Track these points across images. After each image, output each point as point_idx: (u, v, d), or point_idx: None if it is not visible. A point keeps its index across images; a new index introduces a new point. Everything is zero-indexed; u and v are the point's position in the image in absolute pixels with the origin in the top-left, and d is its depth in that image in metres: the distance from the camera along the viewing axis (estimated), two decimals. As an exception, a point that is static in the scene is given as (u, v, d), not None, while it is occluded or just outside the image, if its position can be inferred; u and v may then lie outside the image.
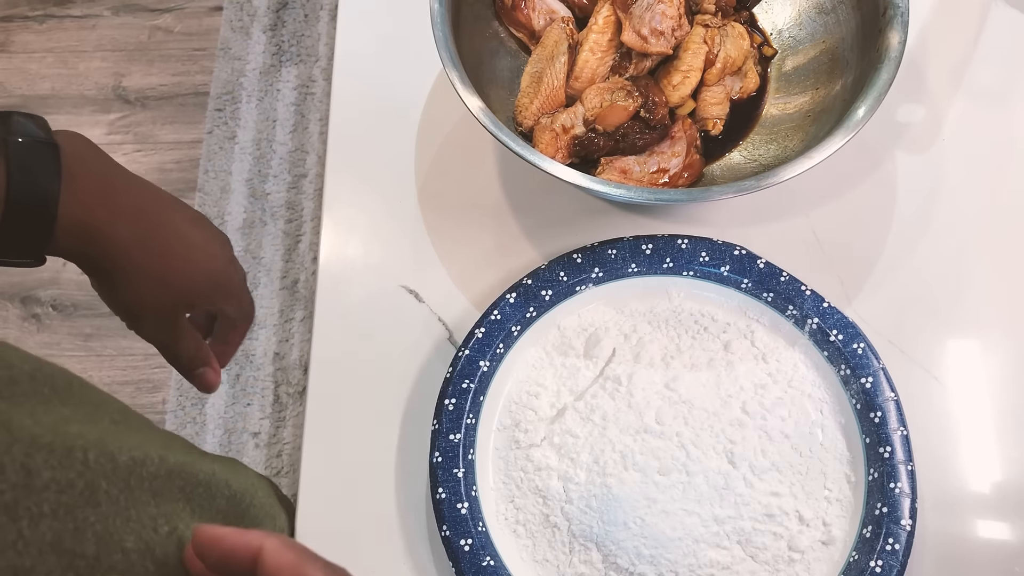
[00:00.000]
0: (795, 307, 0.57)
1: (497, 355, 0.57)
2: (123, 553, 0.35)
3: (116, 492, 0.36)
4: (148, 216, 0.47)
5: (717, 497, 0.53)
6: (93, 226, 0.44)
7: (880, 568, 0.51)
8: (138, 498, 0.37)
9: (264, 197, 1.53)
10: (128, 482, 0.37)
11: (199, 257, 0.50)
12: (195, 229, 0.50)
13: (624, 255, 0.59)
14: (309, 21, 1.66)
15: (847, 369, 0.56)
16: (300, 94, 1.60)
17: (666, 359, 0.58)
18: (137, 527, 0.36)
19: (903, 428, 0.54)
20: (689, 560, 0.52)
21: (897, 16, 0.57)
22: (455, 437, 0.55)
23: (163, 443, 0.44)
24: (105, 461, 0.36)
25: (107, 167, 0.46)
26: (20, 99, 1.64)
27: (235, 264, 0.53)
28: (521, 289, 0.59)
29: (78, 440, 0.36)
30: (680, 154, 0.61)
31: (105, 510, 0.35)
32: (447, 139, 0.67)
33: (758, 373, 0.57)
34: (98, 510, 0.35)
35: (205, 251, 0.50)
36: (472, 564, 0.52)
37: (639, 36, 0.59)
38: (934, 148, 0.65)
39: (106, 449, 0.37)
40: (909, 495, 0.52)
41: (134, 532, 0.36)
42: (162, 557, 0.36)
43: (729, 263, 0.59)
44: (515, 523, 0.55)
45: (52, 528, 0.32)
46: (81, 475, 0.35)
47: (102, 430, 0.39)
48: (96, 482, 0.35)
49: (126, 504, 0.36)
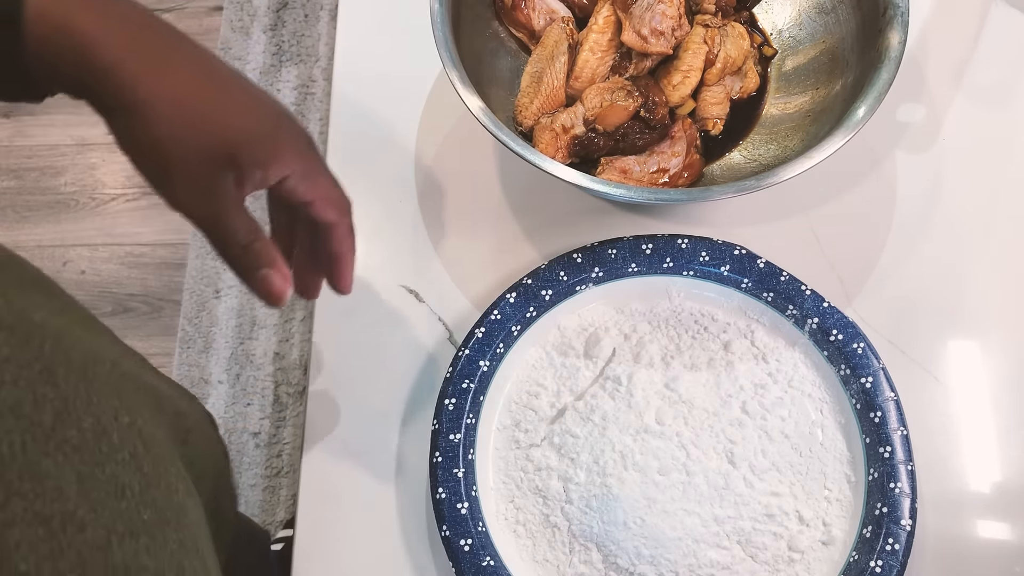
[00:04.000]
0: (795, 307, 0.57)
1: (497, 355, 0.57)
2: (79, 431, 0.32)
3: (75, 380, 0.33)
4: (161, 34, 0.38)
5: (717, 497, 0.53)
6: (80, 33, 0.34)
7: (880, 568, 0.51)
8: (97, 389, 0.34)
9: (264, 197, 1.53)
10: (85, 374, 0.34)
11: (235, 90, 0.39)
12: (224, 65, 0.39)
13: (624, 255, 0.59)
14: (309, 21, 1.66)
15: (847, 369, 0.56)
16: (300, 94, 1.60)
17: (666, 359, 0.58)
18: (97, 411, 0.34)
19: (903, 428, 0.54)
20: (689, 560, 0.52)
21: (897, 16, 0.57)
22: (455, 437, 0.55)
23: (120, 352, 0.40)
24: (60, 353, 0.33)
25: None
26: (20, 99, 1.64)
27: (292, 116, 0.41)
28: (521, 289, 0.59)
29: (38, 328, 0.33)
30: (680, 154, 0.61)
31: (64, 391, 0.33)
32: (447, 139, 0.67)
33: (758, 373, 0.57)
34: (57, 389, 0.32)
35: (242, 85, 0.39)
36: (472, 564, 0.52)
37: (639, 36, 0.59)
38: (934, 148, 0.65)
39: (62, 344, 0.34)
40: (909, 495, 0.52)
41: (93, 416, 0.33)
42: (118, 443, 0.34)
43: (729, 263, 0.59)
44: (515, 523, 0.55)
45: (12, 395, 0.31)
46: (38, 359, 0.32)
47: (64, 325, 0.36)
48: (54, 368, 0.33)
49: (86, 392, 0.34)
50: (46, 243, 1.55)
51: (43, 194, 1.58)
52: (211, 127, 0.37)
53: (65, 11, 0.34)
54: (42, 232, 1.56)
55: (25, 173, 1.60)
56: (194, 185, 0.37)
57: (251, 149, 0.38)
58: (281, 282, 0.40)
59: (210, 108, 0.37)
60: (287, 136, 0.40)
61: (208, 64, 0.38)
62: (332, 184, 0.42)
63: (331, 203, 0.42)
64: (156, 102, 0.36)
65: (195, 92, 0.37)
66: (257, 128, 0.38)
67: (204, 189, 0.37)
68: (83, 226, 1.56)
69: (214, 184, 0.37)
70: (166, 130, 0.36)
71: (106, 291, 1.49)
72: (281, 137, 0.39)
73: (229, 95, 0.38)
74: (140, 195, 1.57)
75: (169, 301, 1.49)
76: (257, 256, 0.39)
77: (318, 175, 0.41)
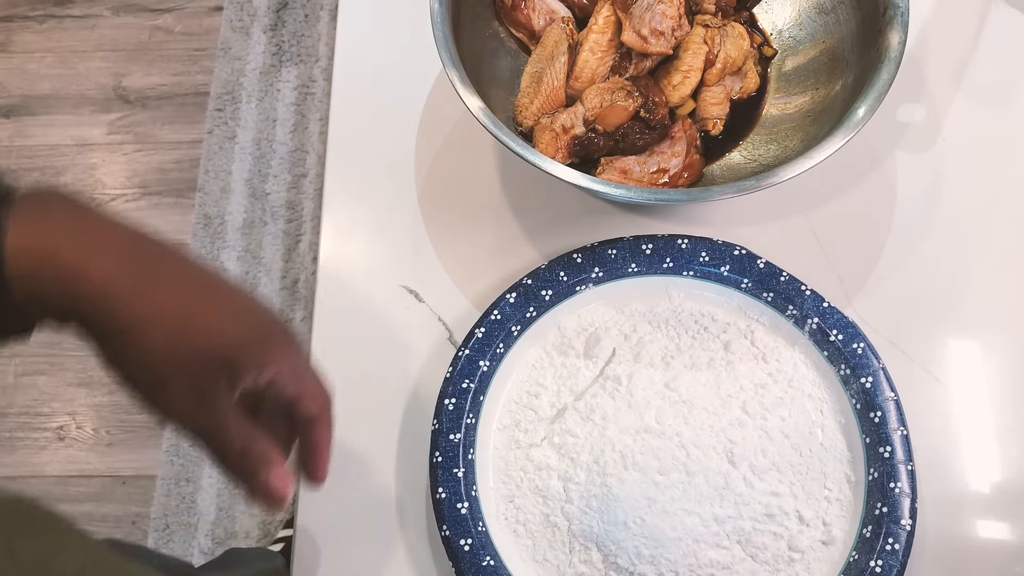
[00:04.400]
0: (795, 307, 0.57)
1: (497, 355, 0.57)
2: None
3: None
4: (145, 251, 0.38)
5: (717, 497, 0.53)
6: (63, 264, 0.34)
7: (880, 568, 0.51)
8: None
9: (264, 197, 1.53)
10: None
11: (225, 297, 0.39)
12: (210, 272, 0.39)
13: (624, 255, 0.59)
14: (309, 21, 1.66)
15: (847, 369, 0.56)
16: (300, 94, 1.60)
17: (666, 359, 0.58)
18: None
19: (903, 428, 0.54)
20: (689, 560, 0.52)
21: (897, 16, 0.57)
22: (455, 437, 0.55)
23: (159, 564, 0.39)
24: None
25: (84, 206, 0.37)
26: (20, 99, 1.64)
27: (278, 317, 0.41)
28: (521, 289, 0.59)
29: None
30: (680, 154, 0.61)
31: None
32: (447, 139, 0.67)
33: (758, 373, 0.57)
34: None
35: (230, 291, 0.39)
36: (472, 564, 0.52)
37: (639, 36, 0.59)
38: (934, 148, 0.65)
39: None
40: (909, 495, 0.52)
41: None
42: None
43: (729, 263, 0.59)
44: (515, 523, 0.55)
45: None
46: None
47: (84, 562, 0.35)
48: None
49: None
50: (46, 243, 1.55)
51: (43, 194, 1.58)
52: (206, 338, 0.37)
53: (45, 243, 0.34)
54: (42, 232, 1.56)
55: (25, 173, 1.60)
56: (192, 396, 0.37)
57: (247, 355, 0.38)
58: (281, 481, 0.39)
59: (204, 320, 0.37)
60: (278, 339, 0.40)
61: (195, 274, 0.38)
62: (317, 381, 0.42)
63: (315, 399, 0.42)
64: (149, 322, 0.36)
65: (187, 305, 0.37)
66: (251, 335, 0.38)
67: (202, 399, 0.37)
68: (83, 226, 1.56)
69: (212, 393, 0.37)
70: (161, 347, 0.36)
71: (106, 291, 1.49)
72: (273, 340, 0.40)
73: (220, 304, 0.38)
74: (140, 195, 1.57)
75: (169, 301, 1.49)
76: (255, 460, 0.39)
77: (304, 373, 0.42)
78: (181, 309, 0.37)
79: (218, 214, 1.51)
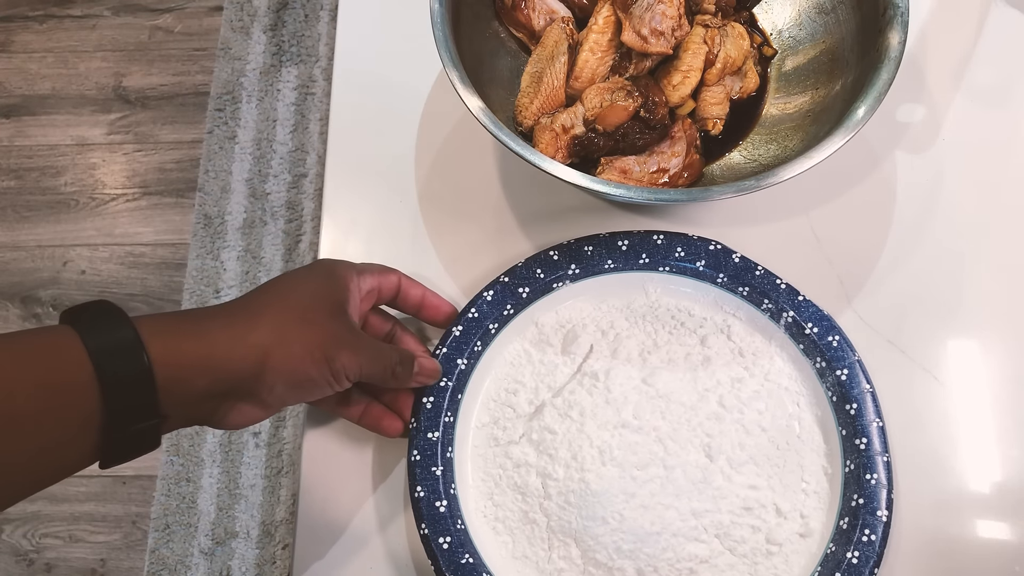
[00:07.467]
0: (770, 301, 0.57)
1: (475, 352, 0.57)
2: None
3: None
4: (234, 323, 0.46)
5: (695, 491, 0.53)
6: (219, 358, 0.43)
7: (857, 559, 0.51)
8: None
9: (264, 197, 1.53)
10: None
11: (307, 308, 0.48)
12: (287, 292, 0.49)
13: (600, 251, 0.60)
14: (309, 21, 1.66)
15: (823, 362, 0.56)
16: (300, 94, 1.60)
17: (643, 355, 0.58)
18: None
19: (879, 420, 0.54)
20: (668, 554, 0.52)
21: (897, 16, 0.57)
22: (433, 435, 0.55)
23: None
24: None
25: (161, 314, 0.45)
26: (20, 99, 1.64)
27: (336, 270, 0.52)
28: (498, 286, 0.59)
29: None
30: (680, 154, 0.61)
31: None
32: (447, 139, 0.67)
33: (735, 367, 0.57)
34: None
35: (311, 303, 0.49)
36: (451, 562, 0.52)
37: (639, 36, 0.59)
38: (934, 148, 0.65)
39: None
40: (885, 486, 0.52)
41: None
42: None
43: (705, 258, 0.59)
44: (494, 520, 0.55)
45: None
46: None
47: None
48: None
49: None
50: (46, 243, 1.55)
51: (43, 194, 1.58)
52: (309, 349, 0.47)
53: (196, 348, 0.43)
54: (42, 232, 1.56)
55: (25, 173, 1.60)
56: (326, 384, 0.48)
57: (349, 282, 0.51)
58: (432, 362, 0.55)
59: (302, 338, 0.46)
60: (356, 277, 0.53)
61: (285, 306, 0.48)
62: (380, 349, 0.52)
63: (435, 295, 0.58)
64: (272, 370, 0.45)
65: (294, 334, 0.46)
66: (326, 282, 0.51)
67: (337, 379, 0.48)
68: (83, 226, 1.56)
69: (336, 372, 0.48)
70: (285, 375, 0.46)
71: (106, 291, 1.49)
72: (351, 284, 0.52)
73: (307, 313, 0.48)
74: (140, 195, 1.57)
75: (169, 301, 1.49)
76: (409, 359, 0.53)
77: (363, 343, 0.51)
78: (290, 341, 0.46)
79: (218, 214, 1.51)
